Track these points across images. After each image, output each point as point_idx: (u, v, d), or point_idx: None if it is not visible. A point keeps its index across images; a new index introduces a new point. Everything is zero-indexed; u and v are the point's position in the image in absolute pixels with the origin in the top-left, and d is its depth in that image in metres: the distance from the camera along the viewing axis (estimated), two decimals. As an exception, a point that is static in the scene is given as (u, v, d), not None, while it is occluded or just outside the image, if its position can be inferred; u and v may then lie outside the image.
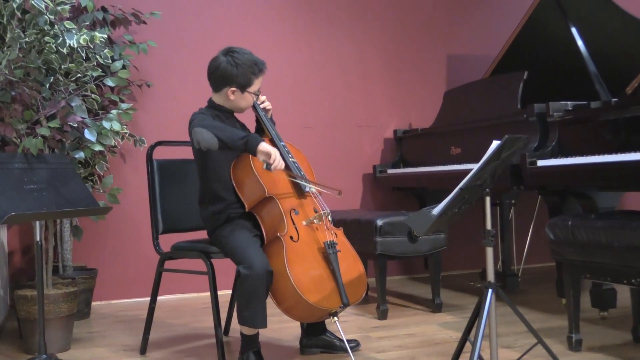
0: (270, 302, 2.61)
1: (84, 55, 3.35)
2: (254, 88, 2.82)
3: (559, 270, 3.49)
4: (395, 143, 5.00)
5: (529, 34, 4.28)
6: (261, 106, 2.91)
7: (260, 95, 2.89)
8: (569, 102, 3.42)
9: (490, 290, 2.24)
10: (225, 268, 3.12)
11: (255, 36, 4.75)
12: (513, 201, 4.34)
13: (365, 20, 5.12)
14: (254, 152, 2.60)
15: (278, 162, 2.59)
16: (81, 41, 3.19)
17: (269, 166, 2.58)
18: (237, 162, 2.79)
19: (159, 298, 3.13)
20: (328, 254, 2.67)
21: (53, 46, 3.12)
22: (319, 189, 2.83)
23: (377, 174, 4.91)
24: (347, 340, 2.75)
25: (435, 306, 3.75)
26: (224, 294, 3.30)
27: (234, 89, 2.81)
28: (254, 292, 2.54)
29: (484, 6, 5.42)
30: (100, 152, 3.75)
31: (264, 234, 2.75)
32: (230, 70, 2.78)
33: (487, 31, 5.32)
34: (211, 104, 2.91)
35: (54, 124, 3.17)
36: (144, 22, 4.23)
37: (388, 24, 5.18)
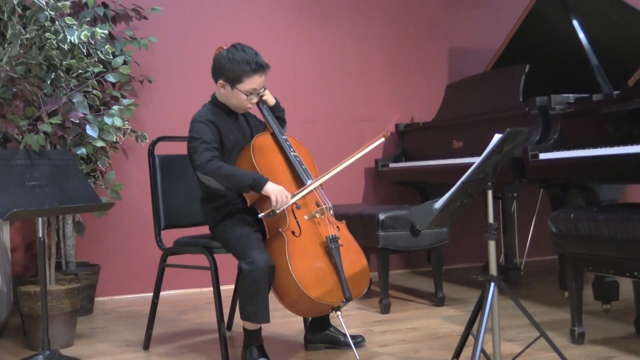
0: (272, 297, 2.61)
1: (85, 51, 3.35)
2: (244, 87, 2.77)
3: (562, 263, 3.48)
4: (397, 137, 5.00)
5: (530, 27, 4.27)
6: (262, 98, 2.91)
7: (257, 96, 2.87)
8: (570, 95, 3.42)
9: (492, 284, 2.24)
10: (228, 263, 3.12)
11: (256, 30, 4.74)
12: (515, 194, 4.34)
13: (367, 13, 5.11)
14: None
15: (281, 204, 2.61)
16: (82, 37, 3.18)
17: (271, 214, 2.61)
18: (239, 158, 2.79)
19: (161, 293, 3.14)
20: (330, 249, 2.67)
21: (54, 42, 3.11)
22: (352, 159, 2.82)
23: (379, 168, 4.91)
24: (353, 336, 2.76)
25: (438, 300, 3.75)
26: (227, 289, 3.30)
27: (222, 81, 2.80)
28: (256, 288, 2.55)
29: (485, -1, 5.41)
30: (102, 148, 3.74)
31: (266, 228, 2.75)
32: (222, 63, 2.78)
33: (488, 24, 5.30)
34: (213, 100, 2.90)
35: (56, 120, 3.17)
36: (145, 18, 4.23)
37: (390, 17, 5.17)
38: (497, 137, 2.16)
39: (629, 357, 2.67)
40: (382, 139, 2.82)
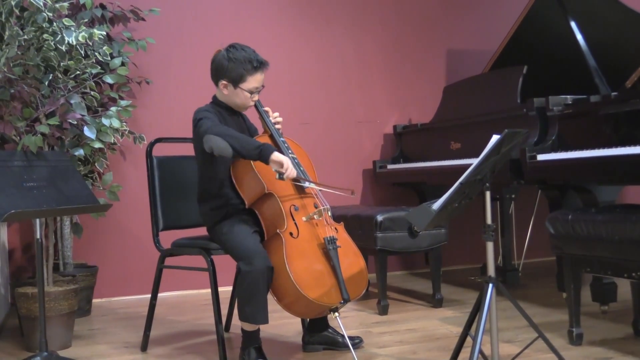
0: (270, 298, 2.61)
1: (82, 52, 3.34)
2: (247, 85, 2.80)
3: (560, 264, 3.49)
4: (395, 138, 5.00)
5: (528, 28, 4.28)
6: (272, 121, 2.92)
7: (258, 93, 2.89)
8: (568, 96, 3.42)
9: (490, 285, 2.24)
10: (226, 264, 3.12)
11: (254, 32, 4.74)
12: (513, 196, 4.35)
13: (365, 15, 5.11)
14: (266, 162, 2.61)
15: (290, 171, 2.61)
16: (80, 38, 3.18)
17: (281, 175, 2.60)
18: (237, 160, 2.79)
19: (159, 295, 3.13)
20: (328, 250, 2.67)
21: (52, 43, 3.11)
22: (330, 190, 2.81)
23: (377, 169, 4.91)
24: (351, 337, 2.75)
25: (436, 301, 3.75)
26: (225, 290, 3.30)
27: (225, 82, 2.81)
28: (254, 288, 2.54)
29: (483, 1, 5.41)
30: (100, 149, 3.75)
31: (264, 230, 2.75)
32: (223, 63, 2.79)
33: (486, 26, 5.31)
34: (214, 100, 2.91)
35: (53, 121, 3.17)
36: (143, 19, 4.23)
37: (387, 18, 5.17)
38: (495, 138, 2.16)
39: (626, 358, 2.67)
40: (351, 195, 2.81)
